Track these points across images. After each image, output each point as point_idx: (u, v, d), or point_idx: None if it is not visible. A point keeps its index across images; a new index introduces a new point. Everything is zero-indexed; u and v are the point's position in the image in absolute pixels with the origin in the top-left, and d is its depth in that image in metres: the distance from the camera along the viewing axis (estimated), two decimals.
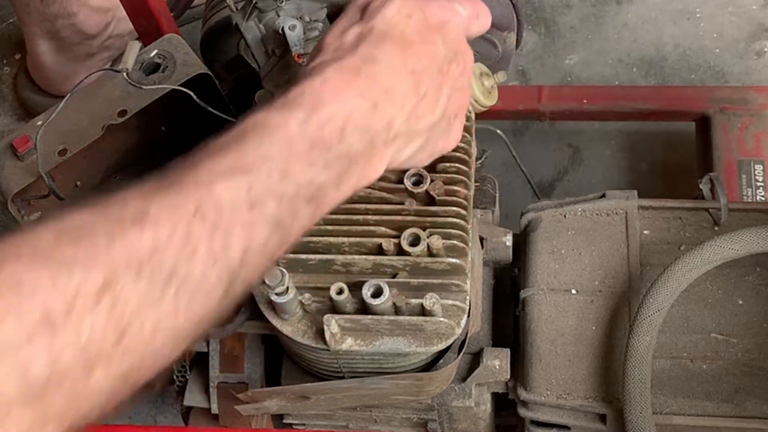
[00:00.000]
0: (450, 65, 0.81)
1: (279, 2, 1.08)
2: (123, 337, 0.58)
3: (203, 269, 0.62)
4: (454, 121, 0.85)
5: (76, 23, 1.70)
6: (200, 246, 0.62)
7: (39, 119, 1.12)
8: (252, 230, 0.65)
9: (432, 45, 0.79)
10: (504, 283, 1.18)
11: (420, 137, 0.80)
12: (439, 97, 0.80)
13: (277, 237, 0.67)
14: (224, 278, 0.64)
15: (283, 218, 0.68)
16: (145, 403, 1.68)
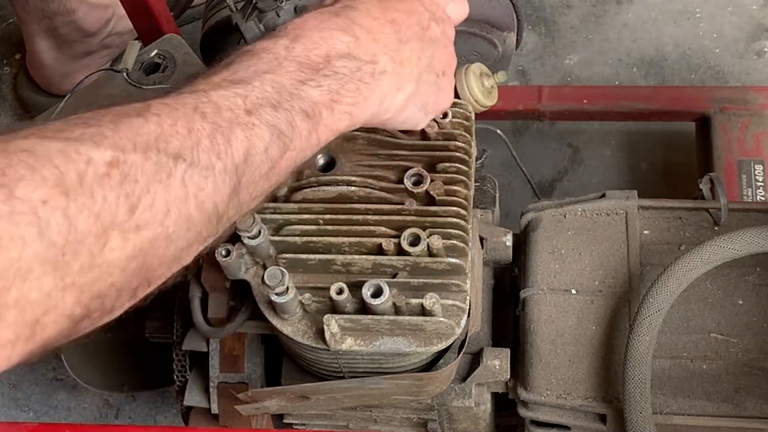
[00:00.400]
0: (430, 23, 0.86)
1: (279, 2, 1.08)
2: (135, 210, 0.59)
3: (209, 159, 0.64)
4: (443, 78, 0.89)
5: (75, 20, 1.70)
6: (203, 139, 0.65)
7: (39, 119, 1.12)
8: (251, 132, 0.68)
9: (411, 4, 0.85)
10: (504, 283, 1.18)
11: (409, 83, 0.84)
12: (422, 47, 0.85)
13: (277, 145, 0.70)
14: (230, 172, 0.66)
15: (282, 126, 0.70)
16: (145, 403, 1.69)
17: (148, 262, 0.61)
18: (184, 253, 0.65)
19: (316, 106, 0.74)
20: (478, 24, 1.11)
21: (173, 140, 0.63)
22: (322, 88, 0.75)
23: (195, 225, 0.64)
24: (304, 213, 0.94)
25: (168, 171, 0.62)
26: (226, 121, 0.67)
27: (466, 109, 1.00)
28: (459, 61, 1.13)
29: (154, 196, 0.61)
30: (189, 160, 0.63)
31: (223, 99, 0.68)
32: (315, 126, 0.74)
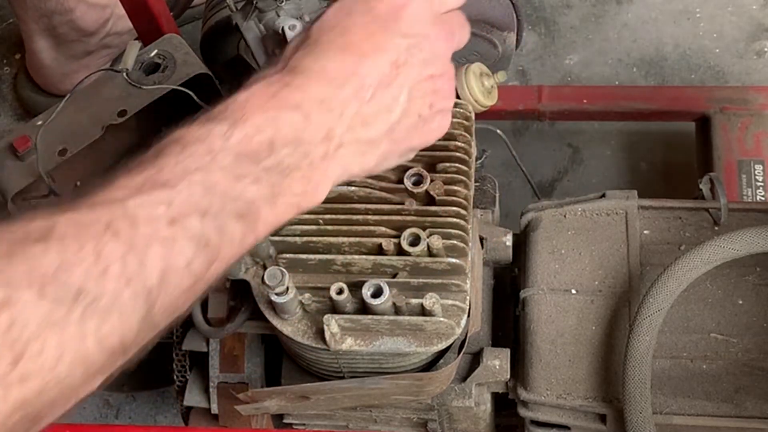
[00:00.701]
0: (408, 55, 0.74)
1: (279, 2, 1.08)
2: (20, 360, 0.53)
3: (116, 287, 0.57)
4: (432, 115, 0.77)
5: (73, 20, 1.70)
6: (113, 264, 0.57)
7: (39, 119, 1.12)
8: (172, 247, 0.60)
9: (379, 39, 0.73)
10: (504, 283, 1.18)
11: (377, 144, 0.74)
12: (394, 96, 0.73)
13: (203, 256, 0.62)
14: (141, 299, 0.58)
15: (210, 236, 0.62)
16: (145, 403, 1.68)
17: (35, 410, 0.55)
18: (80, 392, 0.58)
19: (253, 205, 0.65)
20: (478, 24, 1.11)
21: (76, 271, 0.56)
22: (261, 183, 0.65)
23: (94, 363, 0.57)
24: (304, 213, 0.94)
25: (66, 308, 0.55)
26: (143, 237, 0.59)
27: (466, 109, 1.00)
28: (459, 61, 1.14)
29: (44, 341, 0.54)
30: (93, 293, 0.56)
31: (142, 208, 0.60)
32: (251, 227, 0.65)
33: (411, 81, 0.74)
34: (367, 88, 0.72)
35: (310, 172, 0.69)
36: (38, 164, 1.08)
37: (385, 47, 0.73)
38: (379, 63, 0.72)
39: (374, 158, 0.74)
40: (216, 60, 1.42)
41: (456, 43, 0.79)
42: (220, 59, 1.44)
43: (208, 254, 0.62)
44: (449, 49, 0.78)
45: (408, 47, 0.74)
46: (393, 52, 0.73)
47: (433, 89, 0.76)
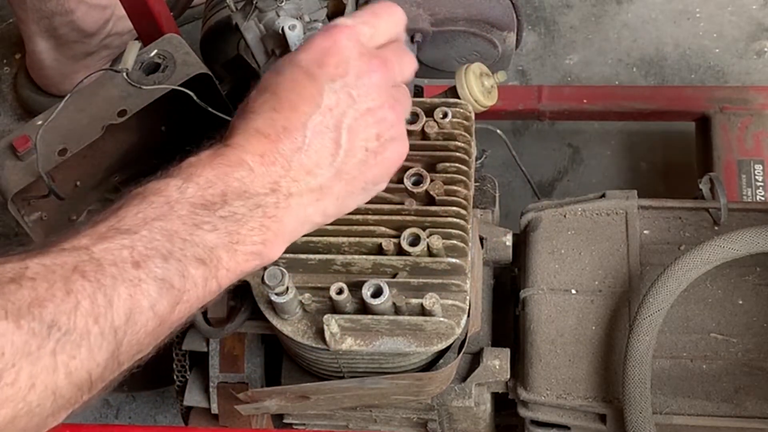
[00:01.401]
0: (339, 96, 0.76)
1: (279, 2, 1.08)
2: None
3: (85, 325, 0.60)
4: (382, 145, 0.78)
5: (74, 20, 1.70)
6: (82, 301, 0.60)
7: (39, 119, 1.12)
8: (137, 288, 0.63)
9: (306, 88, 0.75)
10: (504, 283, 1.18)
11: (329, 188, 0.76)
12: (333, 138, 0.75)
13: (167, 299, 0.65)
14: (109, 337, 0.61)
15: (172, 279, 0.65)
16: (145, 403, 1.68)
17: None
18: (49, 421, 0.60)
19: (213, 251, 0.68)
20: (478, 24, 1.11)
21: (49, 305, 0.59)
22: (219, 231, 0.69)
23: (63, 395, 0.60)
24: None
25: (39, 341, 0.57)
26: (110, 278, 0.62)
27: (466, 108, 1.00)
28: (459, 61, 1.14)
29: (18, 371, 0.56)
30: (65, 327, 0.59)
31: (107, 253, 0.63)
32: (213, 272, 0.68)
33: (348, 119, 0.76)
34: (302, 138, 0.74)
35: (266, 222, 0.72)
36: (38, 164, 1.08)
37: (312, 95, 0.75)
38: (310, 112, 0.75)
39: (332, 203, 0.77)
40: (216, 60, 1.42)
41: (397, 72, 0.80)
42: (220, 59, 1.44)
43: (172, 297, 0.65)
44: (386, 79, 0.79)
45: (338, 89, 0.76)
46: (322, 98, 0.75)
47: (375, 121, 0.77)
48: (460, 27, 1.11)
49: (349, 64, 0.77)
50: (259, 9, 1.09)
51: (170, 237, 0.66)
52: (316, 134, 0.75)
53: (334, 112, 0.75)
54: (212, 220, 0.69)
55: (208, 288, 0.69)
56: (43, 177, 1.07)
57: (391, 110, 0.79)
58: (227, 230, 0.69)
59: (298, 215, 0.75)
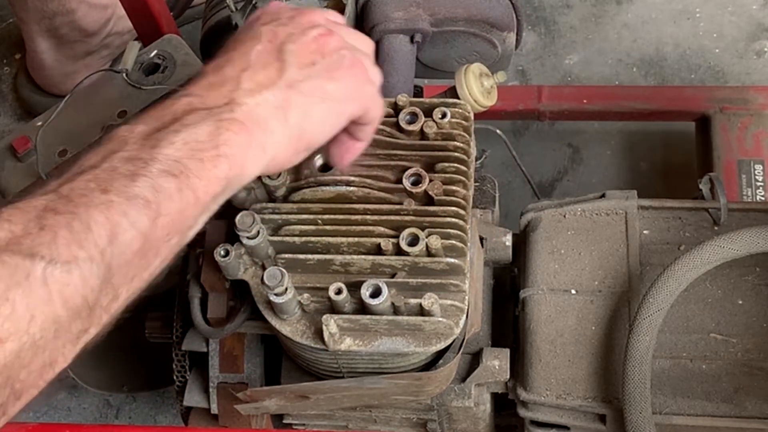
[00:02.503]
0: (276, 31, 0.81)
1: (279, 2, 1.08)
2: None
3: (69, 251, 0.61)
4: (333, 61, 0.81)
5: (75, 20, 1.70)
6: (59, 231, 0.61)
7: (39, 120, 1.12)
8: (111, 209, 0.64)
9: (246, 36, 0.82)
10: (504, 283, 1.18)
11: (288, 98, 0.77)
12: (278, 58, 0.79)
13: (145, 214, 0.66)
14: (96, 259, 0.62)
15: (145, 194, 0.66)
16: (145, 403, 1.69)
17: (14, 375, 0.58)
18: (56, 357, 0.62)
19: (179, 163, 0.69)
20: (477, 24, 1.11)
21: (26, 240, 0.60)
22: (176, 143, 0.70)
23: (64, 324, 0.61)
24: (303, 213, 0.94)
25: (26, 272, 0.58)
26: (82, 206, 0.63)
27: (465, 109, 1.00)
28: (459, 62, 1.14)
29: (13, 303, 0.57)
30: (48, 256, 0.60)
31: (73, 190, 0.65)
32: (184, 182, 0.69)
33: (289, 45, 0.80)
34: (246, 61, 0.78)
35: (223, 125, 0.72)
36: (38, 165, 1.08)
37: (251, 37, 0.81)
38: (251, 45, 0.80)
39: (293, 112, 0.77)
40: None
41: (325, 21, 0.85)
42: None
43: (150, 211, 0.66)
44: (318, 18, 0.84)
45: (274, 28, 0.81)
46: (260, 36, 0.80)
47: (315, 42, 0.81)
48: (459, 27, 1.11)
49: (281, 12, 0.83)
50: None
51: (131, 160, 0.68)
52: (259, 57, 0.79)
53: (274, 42, 0.80)
54: (167, 137, 0.70)
55: (185, 199, 0.69)
56: (44, 178, 1.07)
57: (330, 36, 0.82)
58: (184, 141, 0.70)
59: (257, 120, 0.75)
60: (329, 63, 0.80)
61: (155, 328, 1.20)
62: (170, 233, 0.68)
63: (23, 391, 0.60)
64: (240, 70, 0.77)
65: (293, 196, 0.95)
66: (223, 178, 0.71)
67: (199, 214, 0.71)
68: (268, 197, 0.96)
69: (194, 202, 0.69)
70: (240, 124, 0.73)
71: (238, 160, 0.72)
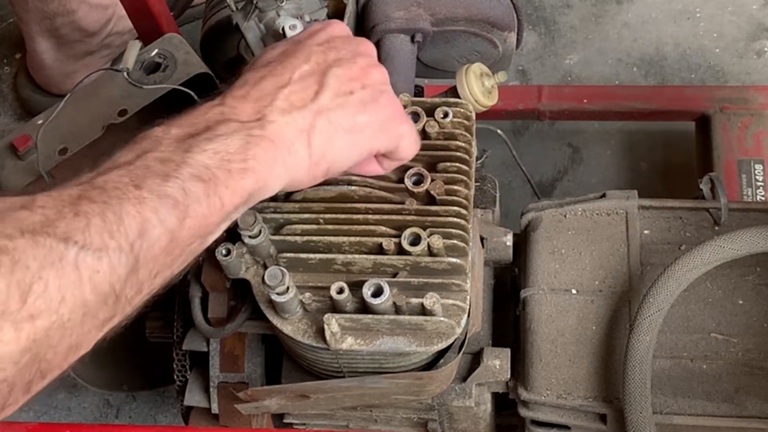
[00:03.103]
0: (326, 55, 0.83)
1: (279, 2, 1.09)
2: (27, 297, 0.58)
3: (101, 239, 0.63)
4: (370, 95, 0.83)
5: (75, 20, 1.70)
6: (93, 219, 0.63)
7: (39, 119, 1.12)
8: (143, 206, 0.66)
9: (295, 52, 0.83)
10: (504, 283, 1.18)
11: (314, 123, 0.79)
12: (318, 81, 0.81)
13: (174, 215, 0.68)
14: (125, 250, 0.64)
15: (175, 194, 0.68)
16: (145, 403, 1.69)
17: (42, 353, 0.60)
18: (81, 340, 0.63)
19: (208, 170, 0.72)
20: (478, 24, 1.11)
21: (61, 224, 0.62)
22: (207, 151, 0.72)
23: (91, 309, 0.62)
24: (305, 212, 0.94)
25: (59, 254, 0.60)
26: (115, 198, 0.66)
27: (467, 108, 1.00)
28: (459, 61, 1.14)
29: (46, 282, 0.59)
30: (81, 242, 0.62)
31: (107, 182, 0.67)
32: (213, 188, 0.71)
33: (334, 69, 0.82)
34: (288, 78, 0.80)
35: (252, 139, 0.75)
36: (38, 164, 1.08)
37: (301, 55, 0.83)
38: (298, 63, 0.82)
39: (317, 137, 0.80)
40: (216, 60, 1.42)
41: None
42: (220, 59, 1.44)
43: (178, 212, 0.68)
44: (370, 50, 0.87)
45: (325, 50, 0.84)
46: (310, 57, 0.83)
47: (361, 72, 0.84)
48: (460, 27, 1.11)
49: (336, 36, 0.85)
50: (259, 9, 1.09)
51: (163, 161, 0.70)
52: (302, 77, 0.81)
53: (321, 65, 0.82)
54: (199, 144, 0.72)
55: (212, 205, 0.71)
56: (44, 176, 1.07)
57: (377, 68, 0.85)
58: (215, 150, 0.73)
59: (284, 138, 0.77)
60: (366, 95, 0.83)
61: (155, 328, 1.20)
62: (194, 235, 0.70)
63: (48, 371, 0.62)
64: (279, 87, 0.79)
65: (295, 195, 0.95)
66: (247, 189, 0.74)
67: (221, 221, 0.74)
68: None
69: (219, 209, 0.72)
70: (269, 142, 0.76)
71: (263, 175, 0.75)
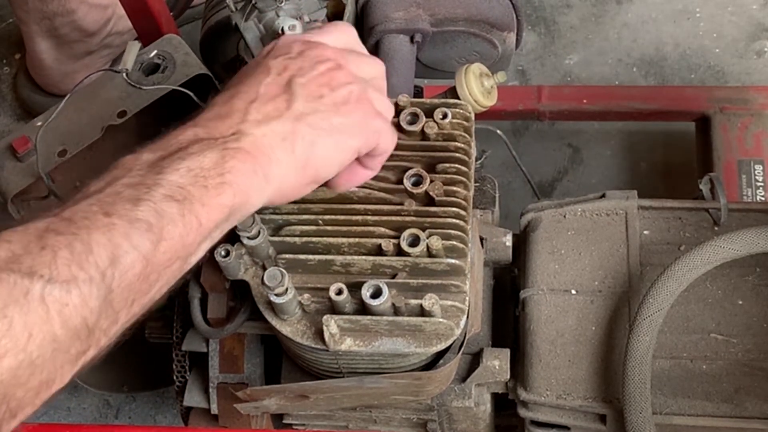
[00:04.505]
0: (287, 64, 0.82)
1: (278, 2, 1.08)
2: None
3: (69, 271, 0.61)
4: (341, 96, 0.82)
5: (75, 20, 1.70)
6: (60, 251, 0.61)
7: (38, 120, 1.12)
8: (113, 231, 0.64)
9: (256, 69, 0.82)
10: (504, 283, 1.18)
11: (294, 130, 0.78)
12: (286, 92, 0.79)
13: (147, 239, 0.66)
14: (96, 281, 0.62)
15: (148, 218, 0.66)
16: (145, 403, 1.69)
17: (10, 392, 0.58)
18: (53, 377, 0.61)
19: (183, 189, 0.69)
20: (477, 24, 1.11)
21: (26, 259, 0.60)
22: (180, 170, 0.70)
23: (62, 345, 0.60)
24: (304, 213, 0.94)
25: (24, 290, 0.58)
26: (84, 228, 0.63)
27: (466, 109, 1.00)
28: (459, 62, 1.14)
29: (11, 320, 0.57)
30: (47, 275, 0.59)
31: (76, 211, 0.65)
32: (189, 207, 0.69)
33: (298, 78, 0.81)
34: (255, 93, 0.79)
35: (228, 153, 0.73)
36: (38, 165, 1.08)
37: (262, 70, 0.82)
38: (261, 78, 0.80)
39: (299, 144, 0.78)
40: (216, 60, 1.42)
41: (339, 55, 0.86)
42: (220, 59, 1.44)
43: (152, 235, 0.66)
44: (330, 53, 0.84)
45: (285, 62, 0.82)
46: (270, 70, 0.81)
47: (325, 77, 0.82)
48: (460, 27, 1.11)
49: (292, 46, 0.84)
50: (258, 9, 1.09)
51: (134, 186, 0.68)
52: (268, 89, 0.79)
53: (283, 75, 0.81)
54: (171, 164, 0.70)
55: (188, 225, 0.69)
56: (43, 178, 1.07)
57: (339, 70, 0.83)
58: (188, 168, 0.70)
59: (263, 149, 0.75)
60: (336, 97, 0.81)
61: (155, 328, 1.20)
62: (172, 258, 0.68)
63: (19, 410, 0.60)
64: (248, 102, 0.78)
65: None
66: (227, 205, 0.72)
67: (202, 241, 0.71)
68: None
69: (197, 228, 0.70)
70: (246, 153, 0.74)
71: (243, 188, 0.73)
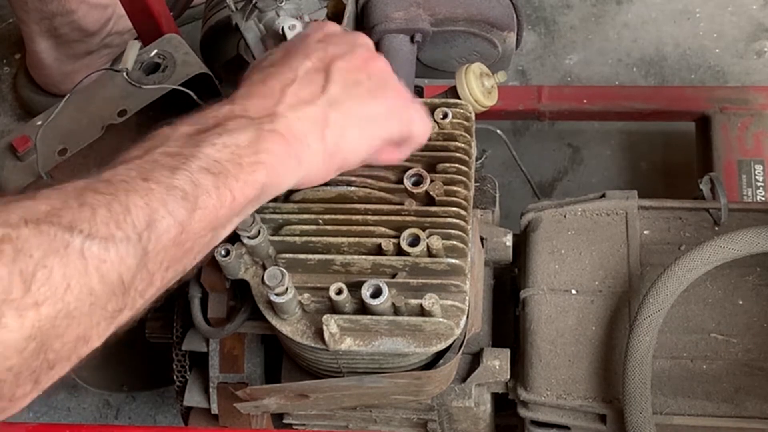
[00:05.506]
0: (326, 50, 0.83)
1: (279, 2, 1.09)
2: (30, 285, 0.57)
3: (108, 229, 0.62)
4: (376, 85, 0.83)
5: (75, 20, 1.70)
6: (98, 209, 0.62)
7: (39, 119, 1.12)
8: (150, 196, 0.65)
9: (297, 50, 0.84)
10: (504, 283, 1.18)
11: (327, 116, 0.80)
12: (324, 77, 0.81)
13: (183, 206, 0.67)
14: (133, 241, 0.63)
15: (183, 186, 0.68)
16: (145, 403, 1.69)
17: (48, 342, 0.59)
18: (89, 332, 0.62)
19: (219, 163, 0.71)
20: (478, 24, 1.11)
21: (66, 214, 0.61)
22: (217, 145, 0.72)
23: (99, 299, 0.61)
24: (304, 213, 0.94)
25: (64, 242, 0.59)
26: (122, 190, 0.65)
27: (466, 109, 1.00)
28: (459, 61, 1.14)
29: (51, 269, 0.58)
30: (86, 231, 0.61)
31: (115, 175, 0.66)
32: (224, 181, 0.70)
33: (337, 62, 0.82)
34: (293, 76, 0.80)
35: (263, 134, 0.75)
36: (38, 164, 1.08)
37: (302, 52, 0.83)
38: (301, 60, 0.82)
39: (331, 130, 0.80)
40: (216, 60, 1.43)
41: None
42: (220, 59, 1.44)
43: (187, 203, 0.68)
44: (368, 45, 0.88)
45: (325, 47, 0.84)
46: (310, 53, 0.83)
47: (364, 64, 0.84)
48: (460, 27, 1.11)
49: (332, 33, 0.86)
50: (259, 9, 1.09)
51: (172, 156, 0.69)
52: (307, 73, 0.81)
53: (323, 60, 0.82)
54: (209, 138, 0.72)
55: (222, 197, 0.70)
56: (44, 177, 1.07)
57: (378, 59, 0.86)
58: (225, 144, 0.72)
59: (296, 133, 0.77)
60: (373, 84, 0.83)
61: (155, 328, 1.20)
62: (206, 228, 0.70)
63: (56, 362, 0.61)
64: (285, 84, 0.79)
65: (294, 195, 0.95)
66: (260, 183, 0.73)
67: (233, 215, 0.73)
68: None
69: (230, 202, 0.71)
70: (280, 136, 0.76)
71: (276, 169, 0.75)
